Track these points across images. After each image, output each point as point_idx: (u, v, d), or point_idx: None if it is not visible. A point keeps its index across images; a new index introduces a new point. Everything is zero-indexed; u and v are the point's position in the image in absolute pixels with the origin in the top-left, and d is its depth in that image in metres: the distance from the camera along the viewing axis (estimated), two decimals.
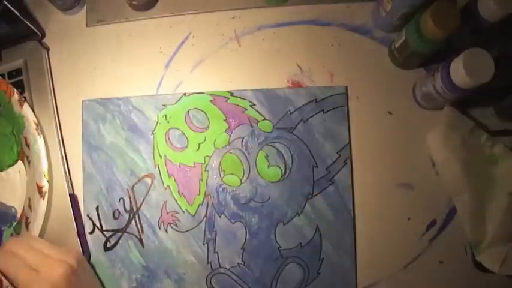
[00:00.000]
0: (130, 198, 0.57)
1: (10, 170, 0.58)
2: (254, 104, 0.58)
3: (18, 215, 0.56)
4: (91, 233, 0.57)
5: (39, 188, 0.54)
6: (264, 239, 0.55)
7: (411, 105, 0.58)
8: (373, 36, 0.60)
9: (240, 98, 0.58)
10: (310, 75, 0.59)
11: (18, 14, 0.57)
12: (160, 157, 0.58)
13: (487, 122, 0.57)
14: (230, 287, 0.55)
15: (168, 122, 0.58)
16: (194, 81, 0.60)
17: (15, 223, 0.56)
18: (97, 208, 0.57)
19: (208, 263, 0.55)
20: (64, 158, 0.58)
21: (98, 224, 0.57)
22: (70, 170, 0.58)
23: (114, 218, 0.57)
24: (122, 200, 0.57)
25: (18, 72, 0.60)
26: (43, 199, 0.53)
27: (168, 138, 0.58)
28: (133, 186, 0.57)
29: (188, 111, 0.58)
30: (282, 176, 0.56)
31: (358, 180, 0.56)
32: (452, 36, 0.48)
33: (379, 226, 0.55)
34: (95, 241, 0.56)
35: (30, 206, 0.54)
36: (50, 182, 0.54)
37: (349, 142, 0.57)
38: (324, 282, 0.54)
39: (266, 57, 0.60)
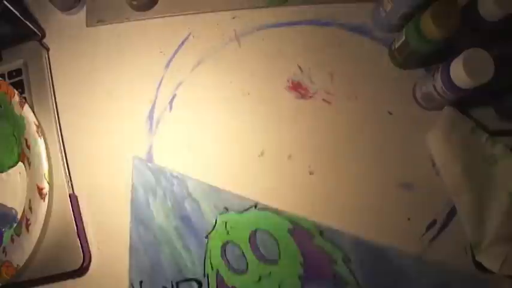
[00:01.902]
0: None
1: (11, 171, 0.58)
2: (349, 260, 0.45)
3: (19, 217, 0.56)
4: None
5: (40, 190, 0.54)
6: None
7: (411, 105, 0.58)
8: (373, 36, 0.59)
9: (332, 243, 0.45)
10: (310, 76, 0.59)
11: (18, 14, 0.57)
12: (212, 269, 0.49)
13: (487, 122, 0.57)
14: None
15: (228, 233, 0.49)
16: (194, 82, 0.60)
17: (15, 224, 0.56)
18: (141, 283, 0.52)
19: None
20: (64, 158, 0.58)
21: None
22: (70, 170, 0.58)
23: None
24: None
25: (18, 72, 0.60)
26: (43, 201, 0.53)
27: (225, 252, 0.49)
28: (179, 283, 0.51)
29: (255, 231, 0.48)
30: None
31: (358, 180, 0.56)
32: (452, 36, 0.48)
33: (379, 226, 0.55)
34: None
35: (30, 208, 0.54)
36: (50, 183, 0.54)
37: None
38: None
39: (266, 57, 0.60)
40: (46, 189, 0.54)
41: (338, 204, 0.56)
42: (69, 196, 0.56)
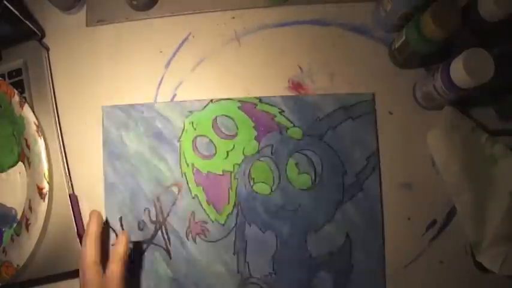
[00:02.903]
0: (156, 208, 0.56)
1: (10, 171, 0.58)
2: (283, 111, 0.56)
3: (19, 217, 0.56)
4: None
5: (40, 190, 0.54)
6: (295, 248, 0.54)
7: (411, 105, 0.58)
8: (373, 36, 0.59)
9: (269, 104, 0.57)
10: (310, 75, 0.59)
11: (18, 14, 0.57)
12: (188, 165, 0.56)
13: (487, 122, 0.57)
14: None
15: (195, 129, 0.57)
16: (194, 81, 0.60)
17: (15, 224, 0.56)
18: (120, 219, 0.56)
19: (238, 273, 0.54)
20: (64, 157, 0.58)
21: None
22: (70, 170, 0.58)
23: (139, 229, 0.55)
24: (147, 211, 0.56)
25: (18, 72, 0.60)
26: (43, 200, 0.53)
27: (196, 146, 0.56)
28: (159, 196, 0.56)
29: (216, 118, 0.57)
30: (312, 183, 0.55)
31: None
32: (452, 36, 0.48)
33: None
34: None
35: (30, 208, 0.54)
36: (50, 183, 0.54)
37: (378, 149, 0.56)
38: None
39: (266, 57, 0.60)
40: (46, 189, 0.54)
41: None
42: (69, 196, 0.56)
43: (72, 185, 0.58)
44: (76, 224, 0.55)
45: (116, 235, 0.55)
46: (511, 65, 0.51)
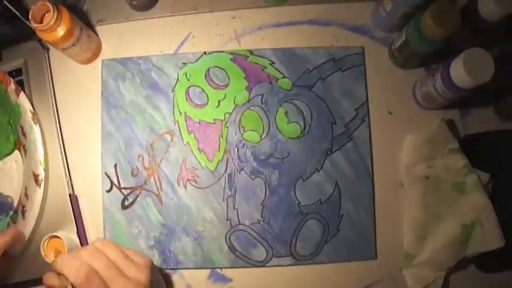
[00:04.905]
0: (149, 155, 0.57)
1: (7, 159, 0.58)
2: (274, 62, 0.58)
3: (15, 204, 0.56)
4: (108, 191, 0.57)
5: (36, 176, 0.54)
6: (284, 195, 0.56)
7: (411, 105, 0.58)
8: (373, 36, 0.60)
9: (259, 56, 0.59)
10: None
11: (18, 14, 0.56)
12: (180, 114, 0.58)
13: (487, 122, 0.57)
14: (250, 243, 0.55)
15: (189, 80, 0.58)
16: None
17: (12, 212, 0.56)
18: (115, 166, 0.57)
19: (227, 219, 0.56)
20: (64, 158, 0.57)
21: (116, 181, 0.57)
22: (70, 170, 0.58)
23: (133, 175, 0.57)
24: (140, 157, 0.57)
25: (18, 72, 0.59)
26: (39, 187, 0.53)
27: (188, 96, 0.58)
28: (153, 143, 0.57)
29: (208, 69, 0.59)
30: (301, 133, 0.57)
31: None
32: (452, 36, 0.48)
33: (379, 226, 0.55)
34: (112, 200, 0.57)
35: (26, 195, 0.54)
36: (46, 170, 0.54)
37: (367, 100, 0.57)
38: (343, 238, 0.55)
39: None
40: (42, 176, 0.54)
41: None
42: (69, 196, 0.56)
43: (72, 185, 0.58)
44: (76, 224, 0.55)
45: (111, 182, 0.57)
46: (511, 65, 0.51)
